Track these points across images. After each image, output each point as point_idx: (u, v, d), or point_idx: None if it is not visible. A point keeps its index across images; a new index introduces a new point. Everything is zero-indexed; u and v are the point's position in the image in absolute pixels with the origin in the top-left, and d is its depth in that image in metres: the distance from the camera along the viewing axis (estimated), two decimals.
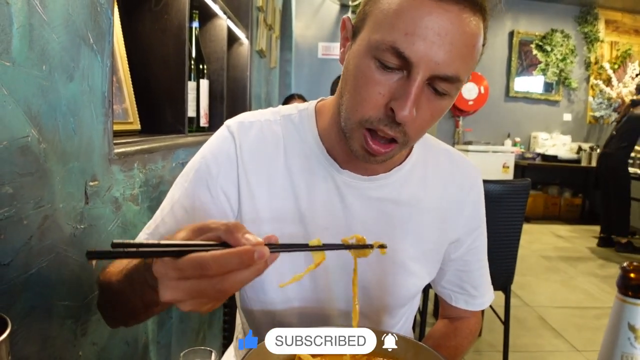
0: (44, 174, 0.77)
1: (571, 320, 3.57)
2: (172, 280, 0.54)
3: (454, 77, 0.72)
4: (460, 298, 1.05)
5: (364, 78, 0.74)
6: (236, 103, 2.57)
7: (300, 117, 0.94)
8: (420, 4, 0.69)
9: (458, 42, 0.70)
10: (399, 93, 0.72)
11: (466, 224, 0.99)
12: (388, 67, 0.72)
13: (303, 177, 0.90)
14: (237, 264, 0.53)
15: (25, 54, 0.72)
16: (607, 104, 7.92)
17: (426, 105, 0.74)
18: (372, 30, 0.74)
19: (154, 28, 1.54)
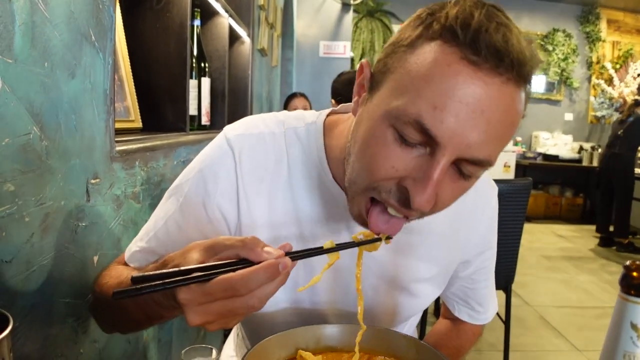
0: (46, 171, 0.77)
1: (572, 320, 3.57)
2: (201, 305, 0.55)
3: (485, 161, 0.62)
4: (463, 311, 1.04)
5: (377, 147, 0.64)
6: (237, 102, 2.57)
7: (307, 132, 0.86)
8: (456, 72, 0.58)
9: (496, 121, 0.59)
10: (417, 173, 0.62)
11: (478, 245, 0.94)
12: (408, 141, 0.61)
13: (307, 198, 0.84)
14: (265, 279, 0.54)
15: (27, 52, 0.71)
16: (608, 104, 7.91)
17: (448, 187, 0.65)
18: (394, 93, 0.63)
19: (156, 26, 1.54)
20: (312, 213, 0.84)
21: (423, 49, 0.61)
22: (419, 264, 0.89)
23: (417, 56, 0.61)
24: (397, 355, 0.74)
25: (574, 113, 8.18)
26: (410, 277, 0.89)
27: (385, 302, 0.90)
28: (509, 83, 0.59)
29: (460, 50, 0.58)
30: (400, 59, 0.63)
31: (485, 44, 0.56)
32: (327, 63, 7.10)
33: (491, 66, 0.57)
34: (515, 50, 0.57)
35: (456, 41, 0.58)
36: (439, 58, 0.59)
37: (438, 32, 0.60)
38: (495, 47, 0.56)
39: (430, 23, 0.61)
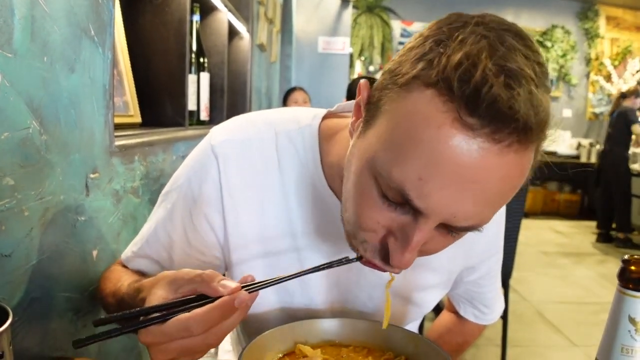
0: (45, 165, 0.77)
1: (569, 315, 3.58)
2: (161, 345, 0.55)
3: (475, 227, 0.57)
4: (469, 311, 1.02)
5: (363, 198, 0.60)
6: (236, 97, 2.57)
7: (302, 137, 0.79)
8: (447, 137, 0.50)
9: (491, 191, 0.52)
10: (399, 233, 0.58)
11: (484, 251, 0.90)
12: (391, 200, 0.56)
13: (301, 208, 0.79)
14: (220, 317, 0.54)
15: (27, 46, 0.71)
16: (607, 100, 7.93)
17: (435, 241, 0.60)
18: (381, 142, 0.56)
19: (155, 21, 1.54)
20: (306, 223, 0.80)
21: (416, 97, 0.53)
22: (422, 273, 0.85)
23: (408, 106, 0.53)
24: (395, 349, 0.74)
25: (573, 109, 8.19)
26: (413, 287, 0.86)
27: (382, 310, 0.87)
28: (511, 148, 0.50)
29: (456, 108, 0.49)
30: (393, 101, 0.56)
31: (486, 104, 0.47)
32: (326, 59, 7.09)
33: (491, 131, 0.49)
34: (523, 113, 0.48)
35: (452, 96, 0.49)
36: (430, 117, 0.51)
37: (434, 80, 0.51)
38: (497, 110, 0.48)
39: (431, 62, 0.52)
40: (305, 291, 0.84)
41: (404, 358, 0.72)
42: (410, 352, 0.72)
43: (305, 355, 0.70)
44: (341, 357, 0.72)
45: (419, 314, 0.92)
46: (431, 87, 0.51)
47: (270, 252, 0.81)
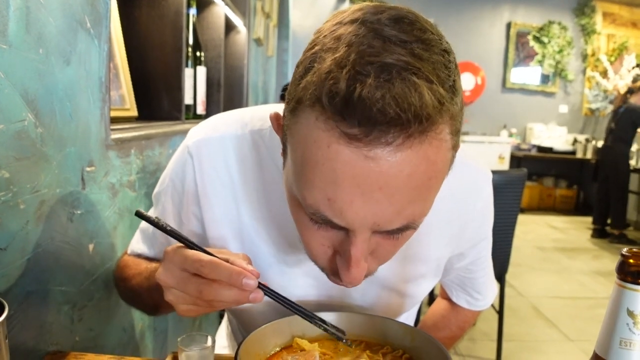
0: (41, 158, 0.77)
1: (564, 310, 3.59)
2: (173, 264, 0.62)
3: (406, 227, 0.56)
4: (461, 297, 1.02)
5: (300, 224, 0.61)
6: (233, 91, 2.56)
7: (271, 135, 0.79)
8: (337, 154, 0.49)
9: (404, 187, 0.50)
10: (341, 249, 0.58)
11: (471, 238, 0.88)
12: (320, 224, 0.57)
13: (276, 203, 0.79)
14: (226, 277, 0.58)
15: (21, 37, 0.71)
16: (603, 96, 7.94)
17: (382, 245, 0.60)
18: (292, 172, 0.57)
19: (151, 15, 1.53)
20: (281, 217, 0.79)
21: (303, 121, 0.52)
22: (410, 265, 0.85)
23: (300, 132, 0.53)
24: (393, 342, 0.74)
25: (569, 105, 8.20)
26: (403, 279, 0.86)
27: (373, 305, 0.88)
28: (405, 145, 0.48)
29: (336, 124, 0.48)
30: (290, 129, 0.56)
31: (359, 111, 0.46)
32: None
33: (375, 136, 0.47)
34: (402, 109, 0.45)
35: (328, 112, 0.48)
36: (318, 138, 0.50)
37: (312, 99, 0.50)
38: (372, 117, 0.46)
39: (307, 80, 0.51)
40: (286, 289, 0.83)
41: (401, 351, 0.72)
42: (407, 345, 0.72)
43: (303, 349, 0.70)
44: (338, 351, 0.72)
45: (412, 304, 0.92)
46: (311, 107, 0.50)
47: (247, 247, 0.82)
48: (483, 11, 7.85)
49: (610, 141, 5.69)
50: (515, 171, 2.44)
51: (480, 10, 7.83)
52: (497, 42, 7.95)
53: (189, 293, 0.60)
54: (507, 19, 7.90)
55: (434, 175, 0.52)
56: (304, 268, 0.83)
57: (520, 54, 8.02)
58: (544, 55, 7.92)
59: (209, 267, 0.59)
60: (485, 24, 7.90)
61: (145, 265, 0.85)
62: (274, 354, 0.70)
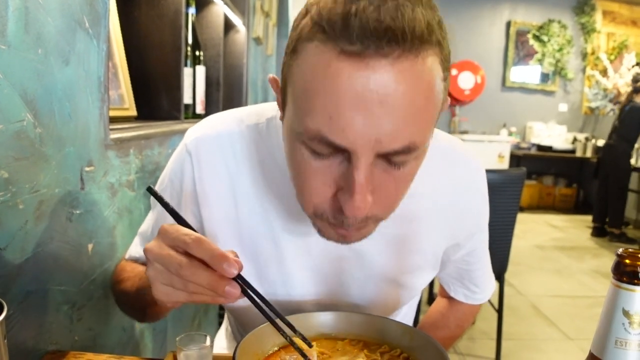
0: (40, 158, 0.77)
1: (564, 309, 3.60)
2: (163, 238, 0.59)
3: (408, 148, 0.56)
4: (459, 291, 1.02)
5: (301, 167, 0.62)
6: (232, 90, 2.56)
7: (268, 129, 0.81)
8: (337, 72, 0.52)
9: (402, 104, 0.53)
10: (343, 182, 0.59)
11: (467, 229, 0.89)
12: (323, 155, 0.58)
13: (273, 195, 0.81)
14: (208, 256, 0.56)
15: (20, 37, 0.71)
16: (602, 95, 7.93)
17: (385, 180, 0.60)
18: (294, 110, 0.60)
19: (150, 14, 1.53)
20: (279, 208, 0.81)
21: (303, 54, 0.56)
22: (408, 256, 0.86)
23: (300, 64, 0.57)
24: (391, 342, 0.74)
25: (569, 104, 8.20)
26: (401, 270, 0.87)
27: (371, 297, 0.88)
28: (402, 58, 0.52)
29: (337, 44, 0.52)
30: (289, 69, 0.59)
31: (357, 27, 0.50)
32: None
33: (374, 50, 0.51)
34: (397, 22, 0.50)
35: (328, 34, 0.52)
36: (318, 61, 0.54)
37: (312, 31, 0.54)
38: (369, 29, 0.50)
39: (306, 17, 0.56)
40: (286, 283, 0.86)
41: (399, 351, 0.72)
42: (405, 344, 0.72)
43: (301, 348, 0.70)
44: (337, 350, 0.72)
45: (410, 296, 0.93)
46: (311, 38, 0.55)
47: (246, 245, 0.84)
48: (483, 10, 7.84)
49: (614, 139, 5.67)
50: (514, 170, 2.44)
51: (480, 9, 7.83)
52: (496, 41, 7.95)
53: (169, 268, 0.58)
54: (507, 17, 7.89)
55: (429, 96, 0.55)
56: (303, 263, 0.84)
57: (520, 52, 8.01)
58: (544, 54, 7.92)
59: (194, 243, 0.57)
60: (485, 22, 7.90)
61: (141, 268, 0.85)
62: (272, 354, 0.71)
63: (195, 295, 0.59)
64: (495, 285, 2.72)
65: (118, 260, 1.06)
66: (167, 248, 0.59)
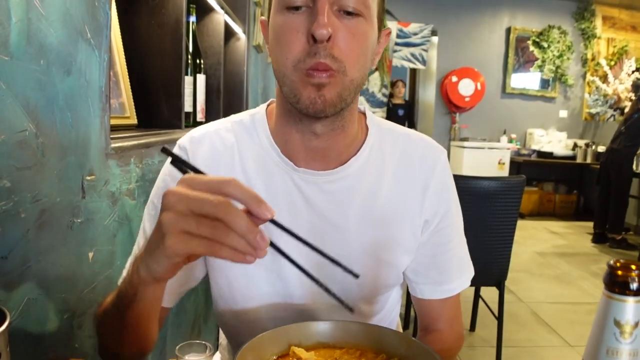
0: (42, 168, 0.78)
1: (564, 316, 3.59)
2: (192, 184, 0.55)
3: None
4: (427, 289, 0.98)
5: (282, 29, 0.78)
6: (233, 98, 2.57)
7: (252, 120, 0.94)
8: None
9: None
10: (312, 21, 0.74)
11: (432, 205, 0.94)
12: (296, 7, 0.76)
13: (261, 180, 0.89)
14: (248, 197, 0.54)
15: (23, 48, 0.72)
16: (603, 101, 7.94)
17: (342, 26, 0.76)
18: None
19: (151, 22, 1.55)
20: (268, 192, 0.89)
21: None
22: (385, 228, 0.92)
23: None
24: (388, 351, 0.74)
25: (569, 110, 8.21)
26: (381, 244, 0.92)
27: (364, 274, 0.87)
28: None
29: None
30: None
31: None
32: None
33: None
34: None
35: None
36: None
37: None
38: None
39: None
40: (283, 280, 0.90)
41: (396, 359, 0.73)
42: (402, 353, 0.73)
43: (300, 357, 0.71)
44: (334, 359, 0.73)
45: (394, 275, 0.95)
46: None
47: None
48: (483, 16, 7.87)
49: (618, 144, 5.66)
50: (514, 178, 2.45)
51: (480, 15, 7.85)
52: (496, 47, 7.97)
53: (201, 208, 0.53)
54: (507, 24, 7.92)
55: None
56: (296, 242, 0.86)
57: (520, 59, 8.03)
58: (544, 60, 7.93)
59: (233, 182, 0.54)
60: (485, 29, 7.92)
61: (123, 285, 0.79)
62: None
63: (217, 245, 0.54)
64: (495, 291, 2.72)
65: (118, 268, 1.07)
66: (195, 190, 0.54)
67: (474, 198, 2.37)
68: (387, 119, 1.03)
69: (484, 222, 2.43)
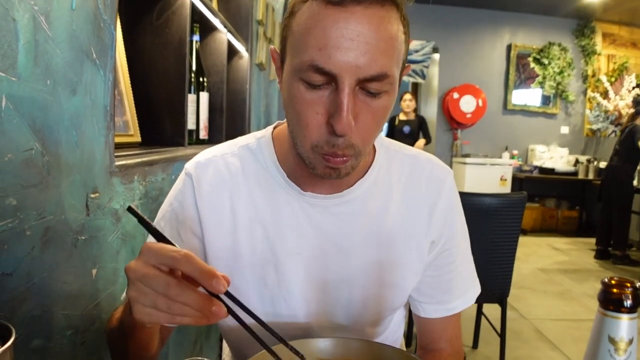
0: (47, 186, 0.79)
1: (568, 333, 3.57)
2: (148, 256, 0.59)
3: (381, 75, 0.70)
4: (429, 308, 0.98)
5: (299, 102, 0.74)
6: (235, 115, 2.59)
7: (259, 145, 0.93)
8: (324, 17, 0.68)
9: (373, 40, 0.68)
10: (333, 107, 0.71)
11: (438, 226, 0.94)
12: (315, 85, 0.71)
13: (267, 204, 0.90)
14: (198, 274, 0.57)
15: (30, 69, 0.74)
16: (604, 117, 7.97)
17: (364, 110, 0.73)
18: (292, 54, 0.74)
19: (156, 42, 1.57)
20: (273, 216, 0.89)
21: (299, 12, 0.72)
22: (391, 249, 0.91)
23: (296, 19, 0.72)
24: None
25: (570, 126, 8.23)
26: (381, 265, 0.91)
27: (361, 296, 0.92)
28: (371, 7, 0.68)
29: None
30: (288, 28, 0.75)
31: None
32: None
33: (351, 0, 0.67)
34: None
35: None
36: (311, 12, 0.70)
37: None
38: None
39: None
40: (289, 296, 0.91)
41: None
42: None
43: None
44: None
45: (400, 297, 0.95)
46: (306, 1, 0.71)
47: (245, 251, 0.89)
48: (484, 34, 7.93)
49: (616, 161, 5.68)
50: (515, 194, 2.46)
51: (481, 32, 7.91)
52: (497, 64, 8.02)
53: (155, 287, 0.57)
54: (508, 41, 7.97)
55: (394, 38, 0.71)
56: (299, 265, 0.90)
57: (521, 75, 8.08)
58: (545, 77, 7.97)
59: (185, 258, 0.57)
60: (486, 46, 7.98)
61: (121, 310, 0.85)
62: None
63: (178, 317, 0.58)
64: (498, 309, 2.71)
65: (121, 285, 1.08)
66: (151, 267, 0.58)
67: (475, 214, 2.38)
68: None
69: (485, 238, 2.43)
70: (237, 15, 2.59)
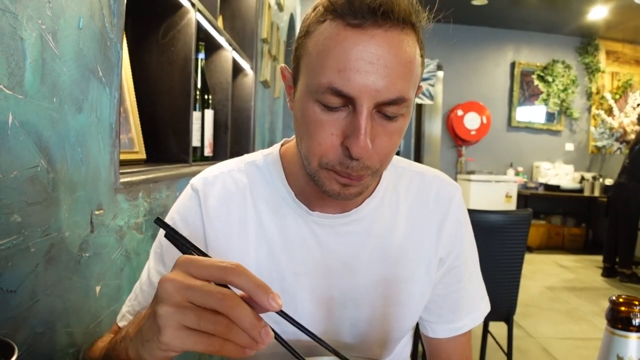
0: (52, 203, 0.79)
1: (575, 352, 3.53)
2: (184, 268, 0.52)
3: (399, 99, 0.69)
4: (438, 328, 0.97)
5: (312, 123, 0.72)
6: (240, 133, 2.60)
7: (266, 162, 0.92)
8: (344, 38, 0.67)
9: (393, 64, 0.67)
10: (349, 130, 0.70)
11: (447, 244, 0.94)
12: (332, 107, 0.70)
13: (274, 222, 0.88)
14: (253, 287, 0.50)
15: (37, 87, 0.74)
16: (609, 134, 7.96)
17: (381, 132, 0.72)
18: (308, 75, 0.72)
19: (161, 60, 1.58)
20: (280, 235, 0.88)
21: (316, 32, 0.71)
22: (398, 266, 0.90)
23: (313, 39, 0.71)
24: None
25: (575, 143, 8.22)
26: (389, 284, 0.90)
27: (369, 316, 0.90)
28: (391, 30, 0.67)
29: (344, 20, 0.67)
30: (304, 46, 0.73)
31: (358, 8, 0.66)
32: None
33: (371, 23, 0.66)
34: (387, 3, 0.66)
35: (338, 14, 0.68)
36: (330, 32, 0.69)
37: (324, 14, 0.70)
38: (368, 7, 0.66)
39: (319, 9, 0.72)
40: (298, 313, 0.88)
41: None
42: None
43: None
44: None
45: (409, 317, 0.93)
46: (322, 20, 0.70)
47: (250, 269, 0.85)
48: (487, 51, 7.96)
49: (624, 179, 5.65)
50: (521, 211, 2.44)
51: (485, 50, 7.95)
52: (501, 82, 8.04)
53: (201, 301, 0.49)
54: (512, 58, 8.01)
55: (412, 61, 0.70)
56: (305, 284, 0.88)
57: (525, 92, 8.09)
58: (549, 94, 7.99)
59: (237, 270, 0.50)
60: (490, 63, 8.01)
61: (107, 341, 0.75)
62: None
63: (219, 342, 0.50)
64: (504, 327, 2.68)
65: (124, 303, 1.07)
66: (195, 279, 0.51)
67: (481, 232, 2.36)
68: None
69: (491, 256, 2.41)
70: (242, 33, 2.62)
